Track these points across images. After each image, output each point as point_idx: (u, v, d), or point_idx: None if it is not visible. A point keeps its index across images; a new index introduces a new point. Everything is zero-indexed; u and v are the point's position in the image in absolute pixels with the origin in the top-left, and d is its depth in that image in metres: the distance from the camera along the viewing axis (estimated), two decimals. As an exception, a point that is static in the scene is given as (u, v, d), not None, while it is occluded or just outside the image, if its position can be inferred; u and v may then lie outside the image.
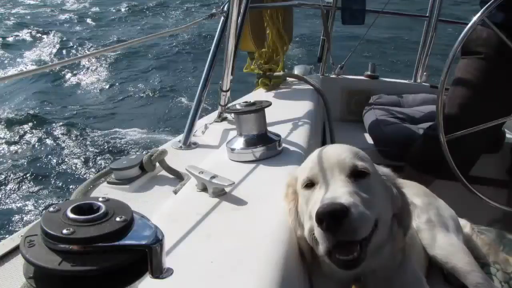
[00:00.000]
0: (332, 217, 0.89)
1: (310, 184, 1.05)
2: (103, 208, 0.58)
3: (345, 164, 1.03)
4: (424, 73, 3.39)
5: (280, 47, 2.59)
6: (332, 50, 3.25)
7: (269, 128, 1.50)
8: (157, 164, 1.51)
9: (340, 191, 0.95)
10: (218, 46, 1.84)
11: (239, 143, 1.42)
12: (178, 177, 1.46)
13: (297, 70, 2.94)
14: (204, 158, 1.55)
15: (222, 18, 1.88)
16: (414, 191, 1.62)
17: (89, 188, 1.43)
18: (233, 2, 1.68)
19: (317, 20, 3.28)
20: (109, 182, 1.45)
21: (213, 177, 1.18)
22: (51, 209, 0.60)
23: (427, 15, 3.23)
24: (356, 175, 1.02)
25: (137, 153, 1.59)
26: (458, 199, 1.83)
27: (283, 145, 1.49)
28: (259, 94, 2.45)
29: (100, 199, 0.61)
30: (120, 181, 1.44)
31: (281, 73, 2.60)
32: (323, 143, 2.43)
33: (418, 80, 3.39)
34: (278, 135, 1.48)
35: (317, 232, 0.94)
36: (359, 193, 0.97)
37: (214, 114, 2.00)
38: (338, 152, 1.07)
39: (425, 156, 2.39)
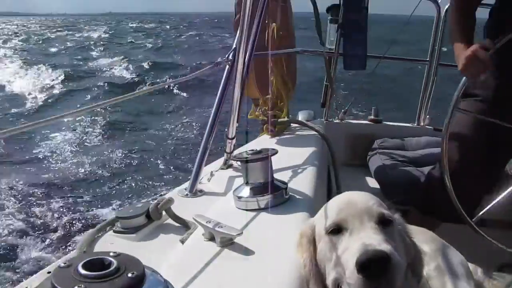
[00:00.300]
0: (377, 265, 0.88)
1: (336, 230, 1.03)
2: (114, 264, 0.58)
3: (373, 211, 1.03)
4: (427, 116, 3.42)
5: (284, 93, 2.63)
6: (335, 95, 3.30)
7: (275, 175, 1.50)
8: (164, 212, 1.51)
9: (376, 238, 0.95)
10: (224, 93, 1.86)
11: (246, 191, 1.42)
12: (185, 226, 1.45)
13: (301, 116, 2.97)
14: (211, 206, 1.54)
15: (227, 66, 1.91)
16: (422, 238, 1.61)
17: (95, 237, 1.42)
18: (239, 51, 1.71)
19: (320, 65, 3.34)
20: (115, 231, 1.44)
21: (221, 226, 1.17)
22: (61, 264, 0.60)
23: (428, 59, 3.29)
24: (382, 222, 1.02)
25: (143, 201, 1.58)
26: (467, 243, 1.81)
27: (290, 192, 1.49)
28: (263, 140, 2.47)
29: (111, 253, 0.61)
30: (126, 230, 1.43)
31: (286, 119, 2.63)
32: (329, 188, 2.43)
33: (421, 124, 3.42)
34: (285, 183, 1.48)
35: (355, 280, 0.91)
36: (389, 241, 0.97)
37: (220, 161, 2.01)
38: (365, 199, 1.06)
39: (430, 199, 2.38)
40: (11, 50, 29.42)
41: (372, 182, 2.96)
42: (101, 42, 35.24)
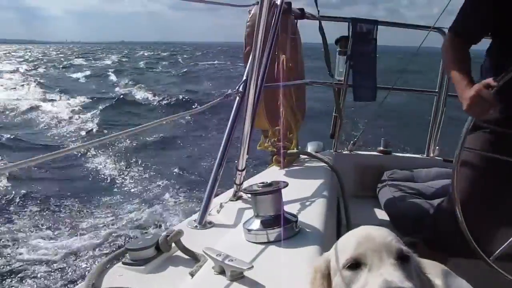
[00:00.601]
0: None
1: (353, 266, 1.01)
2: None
3: (392, 247, 1.01)
4: (437, 147, 3.41)
5: (294, 125, 2.64)
6: (344, 126, 3.30)
7: (285, 207, 1.49)
8: (173, 244, 1.50)
9: (397, 275, 0.93)
10: (234, 125, 1.87)
11: (256, 224, 1.42)
12: (194, 259, 1.44)
13: (310, 147, 2.97)
14: (220, 238, 1.53)
15: (237, 98, 1.93)
16: (434, 272, 1.58)
17: (104, 269, 1.41)
18: (250, 83, 1.73)
19: (329, 96, 3.36)
20: (124, 263, 1.43)
21: (231, 259, 1.16)
22: None
23: (437, 90, 3.30)
24: (401, 258, 1.00)
25: (153, 232, 1.57)
26: (479, 277, 1.77)
27: (300, 225, 1.48)
28: (273, 172, 2.47)
29: None
30: (135, 261, 1.42)
31: (295, 150, 2.63)
32: (338, 220, 2.41)
33: (431, 155, 3.41)
34: (295, 216, 1.48)
35: None
36: (409, 278, 0.95)
37: (229, 193, 2.01)
38: (384, 234, 1.05)
39: (439, 232, 2.35)
40: (34, 77, 29.99)
41: (382, 214, 2.93)
42: (120, 69, 35.97)
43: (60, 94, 21.65)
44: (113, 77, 30.65)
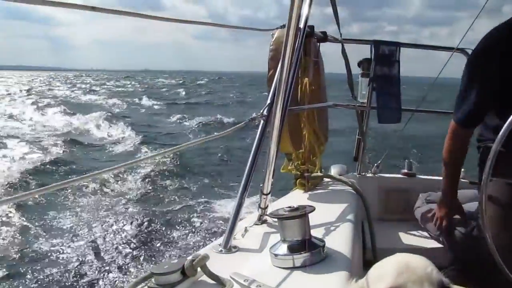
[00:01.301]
0: None
1: None
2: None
3: (434, 278, 0.98)
4: (462, 170, 3.35)
5: (317, 148, 2.63)
6: (368, 148, 3.28)
7: (311, 232, 1.48)
8: (199, 269, 1.48)
9: None
10: (259, 149, 1.87)
11: (283, 248, 1.40)
12: (220, 284, 1.42)
13: (333, 170, 2.95)
14: (245, 262, 1.52)
15: (262, 121, 1.93)
16: None
17: None
18: (276, 107, 1.73)
19: (353, 118, 3.35)
20: (150, 287, 1.42)
21: (259, 285, 1.15)
22: None
23: None
24: None
25: (179, 257, 1.56)
26: None
27: (327, 250, 1.46)
28: (296, 195, 2.45)
29: None
30: (161, 286, 1.41)
31: (318, 173, 2.61)
32: (363, 245, 2.38)
33: None
34: (322, 241, 1.46)
35: None
36: None
37: (254, 217, 1.99)
38: (425, 264, 1.02)
39: (468, 262, 2.29)
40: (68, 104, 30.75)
41: (407, 238, 2.88)
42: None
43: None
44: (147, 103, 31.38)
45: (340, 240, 1.63)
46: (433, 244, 2.77)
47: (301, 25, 2.18)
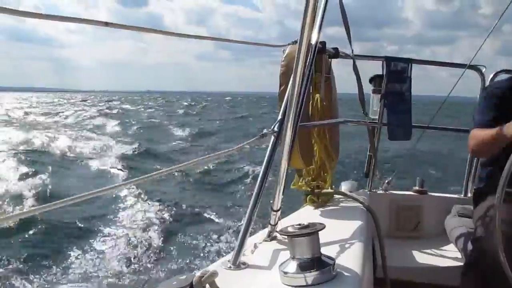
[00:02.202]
0: None
1: None
2: None
3: None
4: (474, 187, 3.31)
5: (328, 164, 2.61)
6: (379, 165, 3.26)
7: (321, 249, 1.46)
8: (207, 285, 1.47)
9: None
10: (269, 164, 1.86)
11: (292, 266, 1.38)
12: (229, 301, 1.41)
13: (344, 186, 2.93)
14: (254, 279, 1.50)
15: (273, 137, 1.92)
16: None
17: None
18: (288, 122, 1.72)
19: (364, 135, 3.33)
20: None
21: None
22: None
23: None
24: None
25: (187, 273, 1.54)
26: None
27: (337, 268, 1.44)
28: (306, 211, 2.44)
29: None
30: None
31: (329, 190, 2.59)
32: (374, 262, 2.35)
33: (469, 195, 3.31)
34: (332, 259, 1.44)
35: None
36: None
37: (263, 233, 1.98)
38: None
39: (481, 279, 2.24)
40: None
41: (418, 256, 2.85)
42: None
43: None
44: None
45: (350, 258, 1.61)
46: (448, 262, 2.74)
47: (313, 41, 2.18)
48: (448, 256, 2.85)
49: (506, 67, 3.13)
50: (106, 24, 0.93)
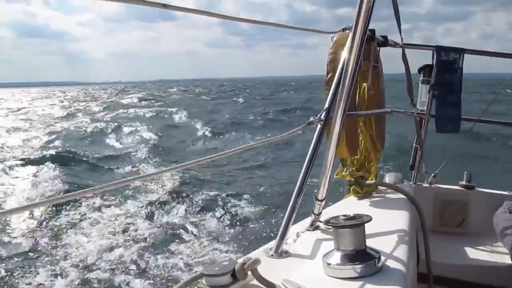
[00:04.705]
0: None
1: None
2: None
3: None
4: None
5: (373, 154, 2.57)
6: (425, 158, 3.17)
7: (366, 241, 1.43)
8: (249, 272, 1.46)
9: None
10: (315, 153, 1.83)
11: (336, 258, 1.36)
12: (270, 289, 1.40)
13: (388, 178, 2.87)
14: (296, 268, 1.49)
15: (319, 126, 1.89)
16: None
17: None
18: (338, 111, 1.69)
19: (410, 126, 3.25)
20: None
21: None
22: None
23: None
24: None
25: (228, 259, 1.54)
26: None
27: (382, 262, 1.41)
28: (350, 202, 2.40)
29: None
30: (210, 287, 1.40)
31: (373, 181, 2.55)
32: (417, 257, 2.30)
33: None
34: (378, 251, 1.41)
35: None
36: None
37: (306, 222, 1.96)
38: None
39: None
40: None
41: (463, 253, 2.77)
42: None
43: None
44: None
45: (395, 252, 1.58)
46: (495, 261, 2.64)
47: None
48: (496, 255, 2.75)
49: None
50: (164, 6, 0.92)
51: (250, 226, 8.14)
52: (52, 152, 15.43)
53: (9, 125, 28.00)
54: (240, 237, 7.59)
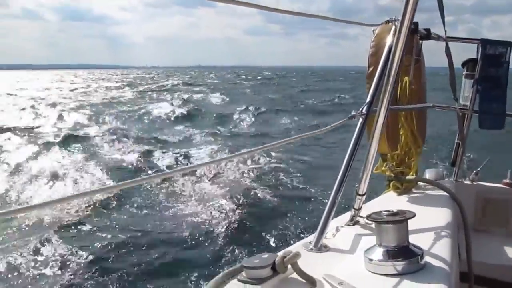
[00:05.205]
0: None
1: None
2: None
3: None
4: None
5: (414, 149, 2.52)
6: (467, 154, 3.10)
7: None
8: (289, 266, 1.46)
9: None
10: (356, 147, 1.81)
11: (378, 253, 1.35)
12: (311, 283, 1.39)
13: (428, 174, 2.82)
14: (336, 263, 1.48)
15: (361, 120, 1.87)
16: None
17: (219, 284, 1.41)
18: (382, 105, 1.67)
19: (451, 121, 3.17)
20: (239, 280, 1.42)
21: None
22: None
23: None
24: None
25: (269, 252, 1.54)
26: None
27: (425, 259, 1.38)
28: (390, 198, 2.37)
29: None
30: (251, 280, 1.41)
31: (413, 177, 2.51)
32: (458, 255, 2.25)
33: None
34: (421, 249, 1.38)
35: None
36: None
37: (345, 217, 1.94)
38: None
39: None
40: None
41: (507, 253, 2.69)
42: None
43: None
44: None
45: (438, 249, 1.55)
46: None
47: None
48: None
49: None
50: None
51: (288, 220, 8.13)
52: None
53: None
54: (278, 231, 7.59)
